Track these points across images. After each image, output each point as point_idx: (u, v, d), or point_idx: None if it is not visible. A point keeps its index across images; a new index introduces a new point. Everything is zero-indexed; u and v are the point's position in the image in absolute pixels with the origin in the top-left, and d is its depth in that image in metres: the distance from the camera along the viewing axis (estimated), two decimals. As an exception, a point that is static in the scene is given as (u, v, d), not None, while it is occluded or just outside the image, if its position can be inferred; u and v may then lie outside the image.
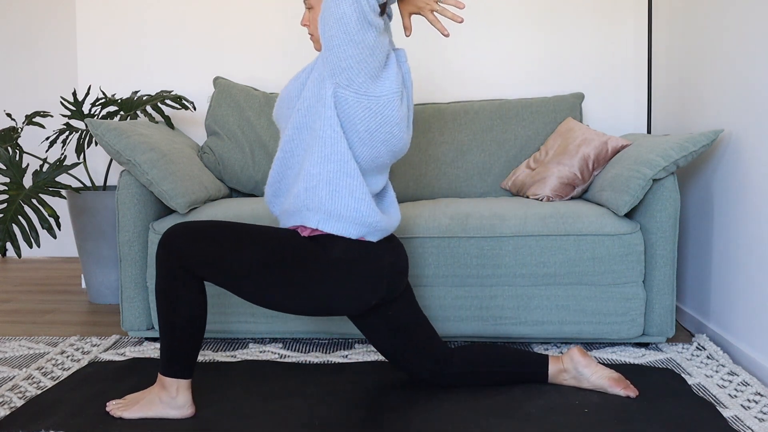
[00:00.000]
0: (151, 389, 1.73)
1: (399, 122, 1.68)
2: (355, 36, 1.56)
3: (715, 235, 2.37)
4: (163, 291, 1.65)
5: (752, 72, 2.10)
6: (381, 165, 1.74)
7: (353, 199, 1.67)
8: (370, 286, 1.71)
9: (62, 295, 3.23)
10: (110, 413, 1.73)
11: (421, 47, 3.20)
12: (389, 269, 1.74)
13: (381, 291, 1.73)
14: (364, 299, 1.71)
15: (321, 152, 1.66)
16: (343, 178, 1.66)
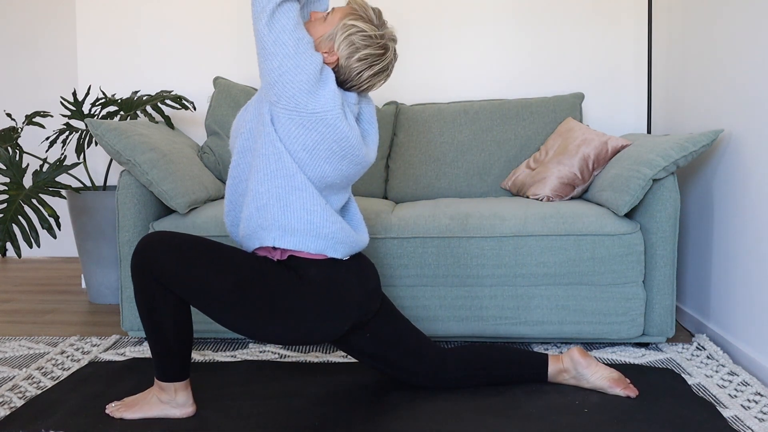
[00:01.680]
0: (150, 391, 1.74)
1: (341, 140, 1.62)
2: (274, 38, 1.54)
3: (715, 235, 2.37)
4: (143, 304, 1.63)
5: (752, 72, 2.10)
6: (331, 184, 1.68)
7: (306, 212, 1.63)
8: (341, 312, 1.67)
9: (62, 295, 3.23)
10: (110, 415, 1.73)
11: (421, 47, 3.20)
12: (359, 291, 1.70)
13: (353, 315, 1.70)
14: (336, 325, 1.68)
15: (265, 170, 1.62)
16: (293, 192, 1.62)
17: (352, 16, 1.66)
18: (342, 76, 1.68)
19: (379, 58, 1.68)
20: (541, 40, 3.17)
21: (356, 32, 1.65)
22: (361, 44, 1.65)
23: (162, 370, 1.68)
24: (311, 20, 1.70)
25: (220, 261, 1.62)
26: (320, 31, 1.67)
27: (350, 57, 1.65)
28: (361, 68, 1.67)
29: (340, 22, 1.66)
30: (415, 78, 3.21)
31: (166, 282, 1.59)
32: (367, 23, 1.67)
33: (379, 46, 1.67)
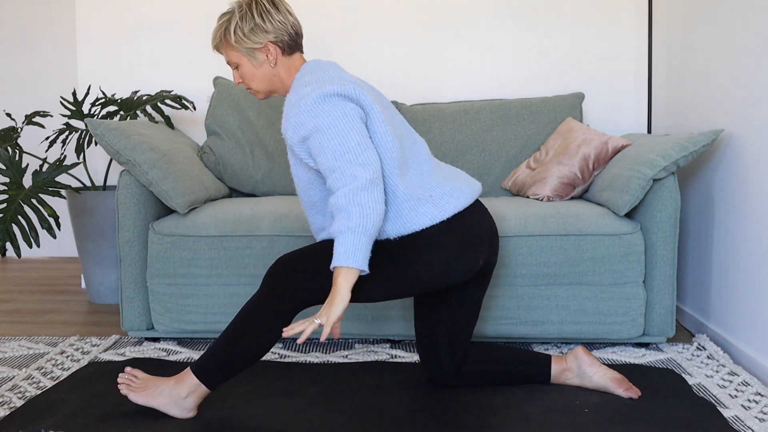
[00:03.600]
0: (167, 380, 1.71)
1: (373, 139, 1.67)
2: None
3: (715, 234, 2.36)
4: (250, 311, 1.66)
5: (752, 72, 2.10)
6: (401, 140, 1.71)
7: (405, 197, 1.66)
8: (473, 247, 1.71)
9: (62, 295, 3.23)
10: (119, 384, 1.72)
11: (421, 47, 3.20)
12: (486, 229, 1.75)
13: (484, 251, 1.74)
14: (473, 259, 1.71)
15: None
16: (390, 191, 1.67)
17: (232, 27, 1.74)
18: (285, 41, 1.74)
19: (261, 9, 1.72)
20: (541, 40, 3.17)
21: (243, 25, 1.71)
22: (251, 23, 1.71)
23: (207, 368, 1.67)
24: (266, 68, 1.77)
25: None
26: (258, 68, 1.76)
27: (264, 31, 1.71)
28: (270, 22, 1.71)
29: (244, 43, 1.73)
30: (415, 78, 3.21)
31: (306, 294, 1.65)
32: (237, 17, 1.72)
33: (245, 6, 1.72)
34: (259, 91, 1.81)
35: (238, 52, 1.74)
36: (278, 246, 2.30)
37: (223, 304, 2.34)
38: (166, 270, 2.34)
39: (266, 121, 2.89)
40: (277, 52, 1.74)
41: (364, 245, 1.51)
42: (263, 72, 1.76)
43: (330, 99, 1.60)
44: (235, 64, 1.77)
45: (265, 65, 1.75)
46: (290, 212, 2.35)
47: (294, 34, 1.75)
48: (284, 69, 1.76)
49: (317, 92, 1.61)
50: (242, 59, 1.75)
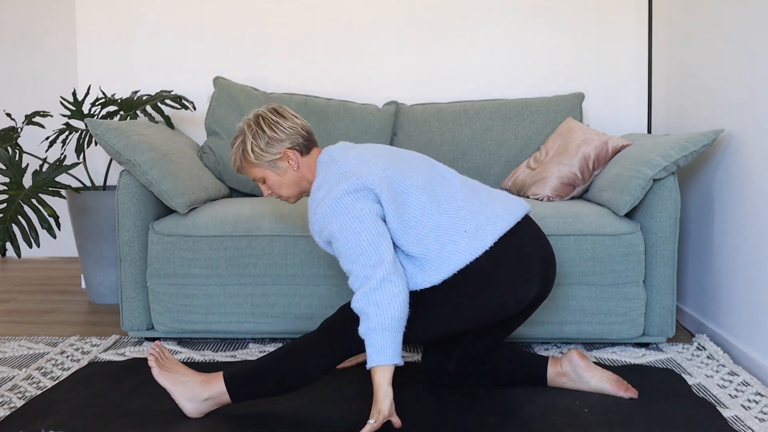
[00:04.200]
0: (195, 375, 1.72)
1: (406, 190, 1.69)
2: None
3: (715, 234, 2.36)
4: (302, 346, 1.68)
5: (752, 72, 2.10)
6: (430, 181, 1.72)
7: (446, 241, 1.66)
8: (525, 273, 1.70)
9: (62, 295, 3.23)
10: (149, 355, 1.72)
11: (422, 47, 3.20)
12: (537, 255, 1.73)
13: (536, 281, 1.72)
14: (524, 286, 1.70)
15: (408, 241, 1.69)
16: (435, 233, 1.67)
17: (249, 148, 1.79)
18: (301, 144, 1.79)
19: (269, 122, 1.79)
20: (541, 40, 3.17)
21: (258, 142, 1.78)
22: (264, 138, 1.77)
23: (238, 381, 1.69)
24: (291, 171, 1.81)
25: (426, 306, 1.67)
26: (283, 175, 1.81)
27: (280, 141, 1.77)
28: (281, 131, 1.77)
29: (263, 160, 1.79)
30: (415, 78, 3.21)
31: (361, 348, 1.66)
32: (250, 136, 1.79)
33: (254, 125, 1.80)
34: (291, 196, 1.85)
35: (261, 168, 1.80)
36: (278, 246, 2.30)
37: (223, 304, 2.34)
38: (166, 270, 2.34)
39: (266, 121, 2.89)
40: (296, 156, 1.79)
41: (390, 340, 1.55)
42: (289, 178, 1.81)
43: (341, 201, 1.64)
44: (261, 178, 1.82)
45: (289, 171, 1.80)
46: (290, 212, 2.35)
47: (306, 134, 1.81)
48: (307, 168, 1.81)
49: (329, 197, 1.65)
50: (266, 172, 1.80)
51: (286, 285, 2.32)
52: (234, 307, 2.34)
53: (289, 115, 1.81)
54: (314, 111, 2.93)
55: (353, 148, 1.80)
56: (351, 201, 1.64)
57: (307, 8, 3.21)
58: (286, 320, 2.33)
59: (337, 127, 2.90)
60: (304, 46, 3.22)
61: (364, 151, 1.76)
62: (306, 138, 1.81)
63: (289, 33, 3.22)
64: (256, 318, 2.34)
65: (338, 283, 2.31)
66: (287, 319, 2.33)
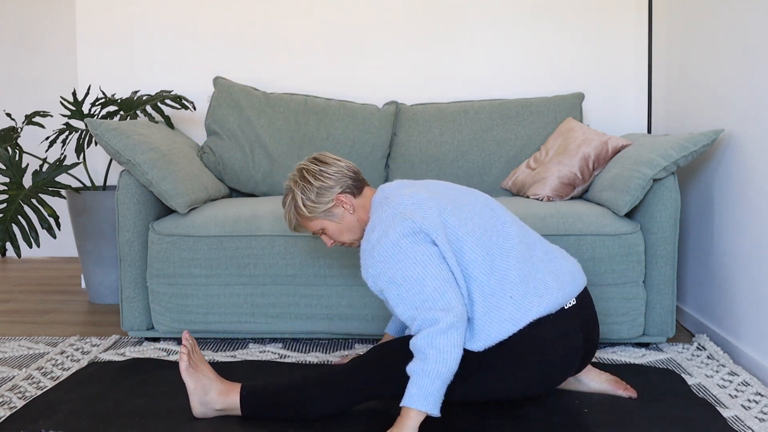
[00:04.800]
0: (217, 381, 1.71)
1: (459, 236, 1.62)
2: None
3: (715, 234, 2.36)
4: (329, 378, 1.66)
5: (752, 72, 2.10)
6: (480, 233, 1.63)
7: (499, 314, 1.58)
8: (541, 372, 1.63)
9: (62, 295, 3.23)
10: (182, 347, 1.71)
11: (422, 47, 3.20)
12: (581, 339, 1.66)
13: (575, 363, 1.67)
14: (543, 383, 1.65)
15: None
16: (483, 305, 1.59)
17: (299, 201, 1.77)
18: (350, 185, 1.76)
19: (313, 173, 1.76)
20: (541, 40, 3.17)
21: (308, 195, 1.75)
22: (313, 189, 1.74)
23: (254, 399, 1.68)
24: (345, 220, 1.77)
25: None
26: (341, 222, 1.77)
27: (329, 188, 1.74)
28: (328, 178, 1.75)
29: (318, 213, 1.76)
30: (415, 78, 3.21)
31: (387, 392, 1.65)
32: (299, 191, 1.76)
33: (299, 180, 1.77)
34: (354, 240, 1.80)
35: (317, 220, 1.77)
36: (278, 246, 2.30)
37: (223, 304, 2.34)
38: (166, 270, 2.34)
39: (266, 121, 2.89)
40: (349, 199, 1.75)
41: (437, 390, 1.49)
42: (347, 223, 1.77)
43: (399, 245, 1.57)
44: (320, 230, 1.79)
45: (345, 216, 1.76)
46: (290, 212, 2.35)
47: (353, 174, 1.78)
48: (362, 210, 1.77)
49: (386, 241, 1.58)
50: (324, 223, 1.77)
51: (286, 285, 2.32)
52: (234, 307, 2.34)
53: (332, 160, 1.77)
54: (314, 111, 2.93)
55: (408, 186, 1.73)
56: (409, 244, 1.56)
57: (307, 8, 3.21)
58: (286, 320, 2.33)
59: (337, 127, 2.90)
60: (304, 46, 3.22)
61: (419, 189, 1.68)
62: (354, 179, 1.77)
63: (289, 33, 3.22)
64: (256, 318, 2.34)
65: (338, 283, 2.31)
66: (287, 319, 2.33)
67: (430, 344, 1.49)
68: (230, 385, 1.71)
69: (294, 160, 2.85)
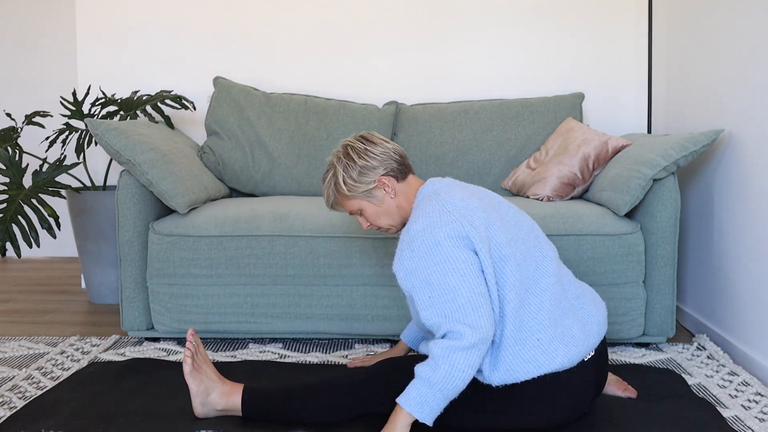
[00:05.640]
0: (219, 382, 1.70)
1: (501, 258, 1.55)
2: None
3: (715, 234, 2.36)
4: (332, 387, 1.65)
5: (752, 72, 2.10)
6: (519, 258, 1.57)
7: (523, 354, 1.53)
8: (574, 410, 1.61)
9: (62, 295, 3.23)
10: (187, 348, 1.70)
11: (422, 47, 3.20)
12: (596, 388, 1.64)
13: (588, 405, 1.64)
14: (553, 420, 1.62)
15: None
16: (508, 340, 1.54)
17: (341, 178, 1.70)
18: (395, 168, 1.70)
19: (358, 151, 1.70)
20: (541, 40, 3.17)
21: (350, 173, 1.69)
22: (356, 168, 1.68)
23: (255, 400, 1.67)
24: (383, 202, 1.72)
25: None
26: (381, 204, 1.71)
27: (373, 168, 1.68)
28: (373, 158, 1.68)
29: (357, 191, 1.70)
30: (415, 78, 3.21)
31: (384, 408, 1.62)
32: (341, 168, 1.70)
33: (343, 156, 1.71)
34: (392, 225, 1.74)
35: (356, 199, 1.71)
36: (278, 246, 2.30)
37: (223, 304, 2.34)
38: (166, 270, 2.34)
39: (266, 121, 2.89)
40: (392, 182, 1.69)
41: (437, 402, 1.45)
42: (387, 207, 1.71)
43: (441, 246, 1.50)
44: (358, 210, 1.73)
45: (386, 200, 1.70)
46: (290, 212, 2.35)
47: (399, 158, 1.71)
48: (404, 197, 1.71)
49: (428, 237, 1.52)
50: (363, 204, 1.71)
51: (286, 285, 2.32)
52: (234, 307, 2.34)
53: (379, 140, 1.71)
54: (314, 111, 2.93)
55: (460, 188, 1.66)
56: (452, 248, 1.50)
57: (307, 8, 3.21)
58: (286, 320, 2.34)
59: (337, 127, 2.90)
60: (305, 45, 3.22)
61: (471, 195, 1.62)
62: (399, 162, 1.71)
63: (289, 33, 3.22)
64: (256, 318, 2.34)
65: (338, 283, 2.31)
66: (287, 319, 2.33)
67: (446, 358, 1.43)
68: (232, 385, 1.71)
69: (294, 160, 2.85)
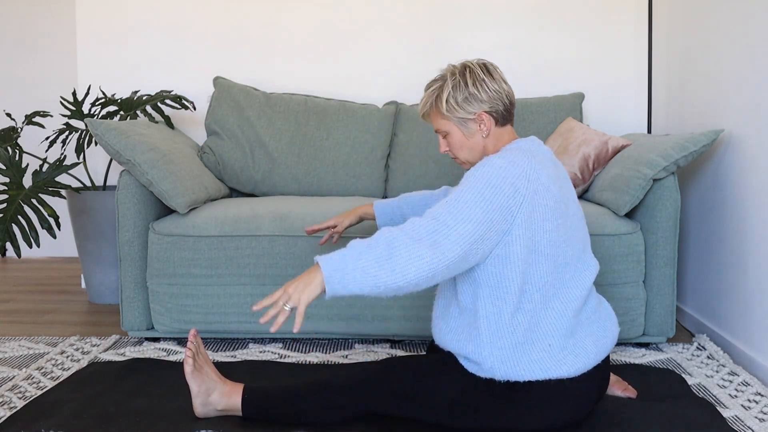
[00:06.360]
0: (220, 384, 1.70)
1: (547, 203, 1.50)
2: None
3: (715, 234, 2.36)
4: (331, 388, 1.63)
5: (752, 72, 2.10)
6: (561, 261, 1.54)
7: (535, 350, 1.52)
8: (575, 417, 1.60)
9: (62, 295, 3.23)
10: (188, 349, 1.68)
11: (421, 47, 3.20)
12: (597, 397, 1.63)
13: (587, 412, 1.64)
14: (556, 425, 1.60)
15: (506, 311, 1.53)
16: (526, 332, 1.53)
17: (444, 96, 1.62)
18: (500, 112, 1.62)
19: (475, 78, 1.61)
20: (541, 40, 3.17)
21: (456, 94, 1.60)
22: (465, 91, 1.60)
23: (255, 401, 1.67)
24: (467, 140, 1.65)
25: (434, 388, 1.59)
26: (470, 138, 1.64)
27: (479, 101, 1.59)
28: (485, 91, 1.60)
29: (458, 113, 1.61)
30: (415, 78, 3.21)
31: (400, 399, 1.60)
32: (450, 85, 1.61)
33: (458, 74, 1.62)
34: (467, 161, 1.67)
35: (449, 122, 1.63)
36: (278, 246, 2.30)
37: (223, 304, 2.34)
38: (166, 270, 2.34)
39: (266, 121, 2.89)
40: (491, 122, 1.61)
41: (356, 271, 1.38)
42: (474, 142, 1.64)
43: (503, 173, 1.47)
44: (445, 132, 1.65)
45: (476, 135, 1.62)
46: (290, 212, 2.35)
47: (508, 104, 1.63)
48: (493, 141, 1.64)
49: (495, 168, 1.48)
50: (453, 128, 1.63)
51: (286, 285, 2.32)
52: (234, 307, 2.34)
53: (498, 78, 1.61)
54: (314, 111, 2.93)
55: (553, 166, 1.58)
56: (503, 178, 1.46)
57: (307, 8, 3.21)
58: (286, 320, 2.33)
59: (337, 127, 2.90)
60: (305, 46, 3.22)
61: (556, 180, 1.55)
62: (507, 108, 1.62)
63: (289, 33, 3.22)
64: (256, 318, 2.34)
65: (338, 283, 2.31)
66: (287, 319, 2.33)
67: (405, 243, 1.39)
68: (233, 385, 1.71)
69: (294, 160, 2.85)
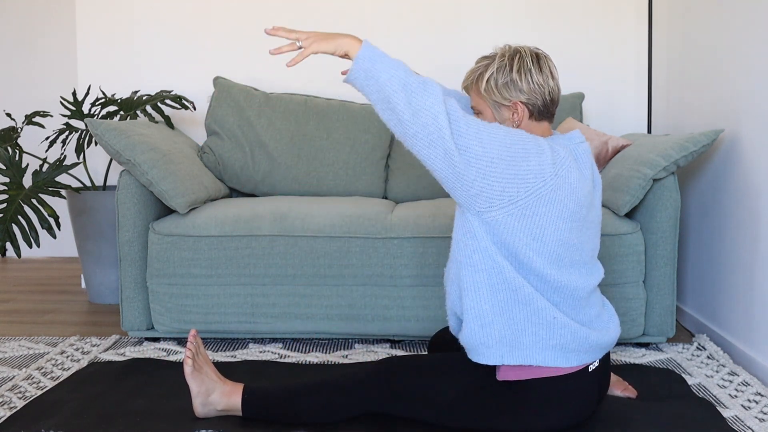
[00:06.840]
0: (220, 384, 1.70)
1: (565, 197, 1.48)
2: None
3: (715, 234, 2.36)
4: (331, 388, 1.64)
5: (752, 72, 2.10)
6: (566, 262, 1.53)
7: (531, 324, 1.52)
8: (576, 419, 1.60)
9: (62, 295, 3.23)
10: (187, 350, 1.69)
11: (421, 47, 3.20)
12: (575, 410, 1.60)
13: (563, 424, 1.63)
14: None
15: (487, 285, 1.52)
16: (517, 305, 1.51)
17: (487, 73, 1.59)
18: (537, 106, 1.57)
19: (522, 66, 1.56)
20: (541, 40, 3.17)
21: (498, 77, 1.57)
22: (507, 77, 1.56)
23: (255, 401, 1.67)
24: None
25: (444, 383, 1.59)
26: (498, 122, 1.60)
27: (518, 90, 1.55)
28: (527, 82, 1.55)
29: (492, 87, 1.58)
30: (415, 78, 3.20)
31: (402, 401, 1.61)
32: (496, 66, 1.58)
33: (507, 58, 1.58)
34: None
35: (484, 102, 1.60)
36: (278, 246, 2.30)
37: (223, 304, 2.34)
38: (166, 270, 2.34)
39: (266, 121, 2.89)
40: (524, 114, 1.56)
41: (385, 71, 1.53)
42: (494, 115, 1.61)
43: (539, 148, 1.47)
44: (478, 111, 1.63)
45: (507, 123, 1.59)
46: (290, 212, 2.35)
47: (549, 100, 1.57)
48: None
49: (543, 141, 1.49)
50: (486, 109, 1.60)
51: (286, 285, 2.32)
52: (234, 307, 2.34)
53: (547, 72, 1.56)
54: (314, 111, 2.93)
55: (589, 168, 1.57)
56: (537, 154, 1.46)
57: (307, 8, 3.21)
58: (286, 320, 2.33)
59: (337, 127, 2.90)
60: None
61: (588, 180, 1.55)
62: (546, 104, 1.56)
63: (289, 33, 3.22)
64: (256, 318, 2.34)
65: (338, 283, 2.31)
66: (287, 319, 2.33)
67: (431, 100, 1.45)
68: (233, 385, 1.71)
69: (294, 160, 2.85)
